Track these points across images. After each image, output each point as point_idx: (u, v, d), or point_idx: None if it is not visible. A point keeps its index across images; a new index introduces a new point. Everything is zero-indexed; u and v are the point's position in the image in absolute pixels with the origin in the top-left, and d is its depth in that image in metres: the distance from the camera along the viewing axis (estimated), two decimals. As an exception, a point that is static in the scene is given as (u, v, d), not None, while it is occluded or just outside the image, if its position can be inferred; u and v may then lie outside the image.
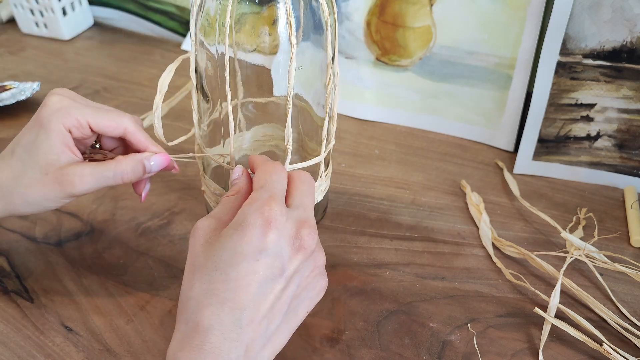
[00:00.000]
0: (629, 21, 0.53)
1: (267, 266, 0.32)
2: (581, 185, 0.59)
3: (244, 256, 0.32)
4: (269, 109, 0.49)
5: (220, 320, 0.31)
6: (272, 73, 0.46)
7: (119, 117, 0.41)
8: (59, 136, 0.39)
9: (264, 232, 0.33)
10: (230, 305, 0.32)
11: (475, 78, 0.64)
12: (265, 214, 0.33)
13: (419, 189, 0.58)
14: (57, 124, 0.39)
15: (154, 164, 0.41)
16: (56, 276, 0.47)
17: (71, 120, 0.39)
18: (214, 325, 0.31)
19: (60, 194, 0.39)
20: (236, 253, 0.32)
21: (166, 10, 0.88)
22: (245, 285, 0.32)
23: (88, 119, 0.40)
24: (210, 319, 0.31)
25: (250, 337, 0.32)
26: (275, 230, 0.33)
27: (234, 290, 0.32)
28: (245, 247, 0.32)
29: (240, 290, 0.32)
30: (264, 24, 0.43)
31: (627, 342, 0.42)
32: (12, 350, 0.41)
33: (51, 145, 0.39)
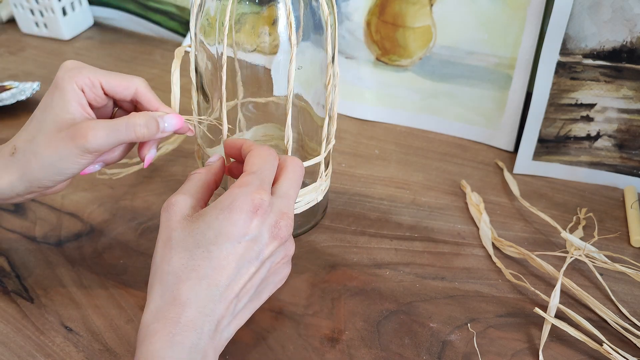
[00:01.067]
0: (629, 21, 0.53)
1: (247, 249, 0.35)
2: (581, 185, 0.59)
3: (228, 237, 0.34)
4: (269, 109, 0.49)
5: (197, 295, 0.33)
6: (272, 73, 0.46)
7: (129, 78, 0.42)
8: (73, 95, 0.40)
9: (250, 217, 0.34)
10: (207, 281, 0.33)
11: (475, 78, 0.64)
12: (255, 201, 0.35)
13: (419, 189, 0.58)
14: (70, 82, 0.40)
15: (167, 124, 0.41)
16: (56, 276, 0.47)
17: (83, 79, 0.40)
18: (191, 299, 0.33)
19: (74, 150, 0.38)
20: (221, 233, 0.34)
21: (166, 10, 0.88)
22: (226, 265, 0.34)
23: (100, 78, 0.41)
24: (189, 294, 0.33)
25: (221, 313, 0.34)
26: (261, 217, 0.35)
27: (214, 268, 0.34)
28: (231, 229, 0.34)
29: (220, 269, 0.34)
30: (263, 24, 0.43)
31: (627, 342, 0.42)
32: (12, 350, 0.41)
33: (65, 103, 0.39)
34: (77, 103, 0.40)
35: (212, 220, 0.34)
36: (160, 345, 0.32)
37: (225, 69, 0.40)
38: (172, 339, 0.32)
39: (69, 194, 0.56)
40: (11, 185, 0.40)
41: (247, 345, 0.42)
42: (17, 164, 0.40)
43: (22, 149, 0.40)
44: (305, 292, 0.46)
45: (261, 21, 0.43)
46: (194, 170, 0.40)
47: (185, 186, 0.38)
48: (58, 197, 0.55)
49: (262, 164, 0.38)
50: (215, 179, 0.40)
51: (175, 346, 0.32)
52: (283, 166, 0.39)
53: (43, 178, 0.40)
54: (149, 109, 0.42)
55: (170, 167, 0.60)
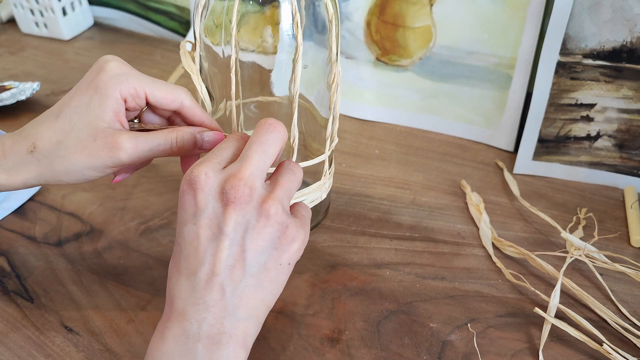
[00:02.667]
0: (629, 21, 0.53)
1: (205, 227, 0.33)
2: (581, 185, 0.59)
3: (184, 223, 0.34)
4: (271, 108, 0.49)
5: (180, 287, 0.33)
6: (273, 73, 0.46)
7: (176, 90, 0.40)
8: (114, 104, 0.38)
9: (192, 195, 0.33)
10: (185, 273, 0.33)
11: (475, 78, 0.64)
12: (187, 177, 0.34)
13: (419, 189, 0.58)
14: (114, 90, 0.37)
15: (207, 139, 0.40)
16: (56, 276, 0.47)
17: (129, 88, 0.38)
18: (176, 294, 0.33)
19: (107, 161, 0.37)
20: (180, 223, 0.34)
21: (166, 10, 0.88)
22: (193, 251, 0.33)
23: (146, 88, 0.39)
24: (174, 289, 0.33)
25: (213, 298, 0.32)
26: (199, 190, 0.33)
27: (185, 258, 0.33)
28: (183, 214, 0.34)
29: (190, 257, 0.33)
30: (266, 23, 0.43)
31: (627, 342, 0.42)
32: (12, 350, 0.41)
33: (104, 111, 0.37)
34: (115, 113, 0.38)
35: (178, 214, 0.35)
36: (156, 339, 0.32)
37: (234, 70, 0.40)
38: (165, 333, 0.32)
39: (69, 194, 0.56)
40: (25, 183, 0.38)
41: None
42: (37, 164, 0.38)
43: (45, 149, 0.38)
44: (305, 292, 0.46)
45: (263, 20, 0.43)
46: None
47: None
48: (58, 197, 0.55)
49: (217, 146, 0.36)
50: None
51: (168, 338, 0.32)
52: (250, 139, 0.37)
53: (63, 181, 0.38)
54: (194, 123, 0.41)
55: (171, 167, 0.60)
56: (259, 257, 0.34)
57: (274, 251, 0.34)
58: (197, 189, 0.33)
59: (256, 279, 0.34)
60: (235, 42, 0.39)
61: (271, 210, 0.34)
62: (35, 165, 0.38)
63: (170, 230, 0.52)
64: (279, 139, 0.36)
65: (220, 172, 0.34)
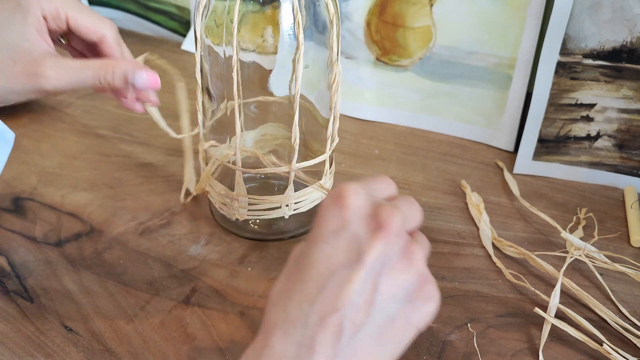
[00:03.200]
0: (629, 21, 0.53)
1: (341, 249, 0.27)
2: (581, 185, 0.59)
3: (316, 241, 0.28)
4: (271, 108, 0.49)
5: (285, 317, 0.26)
6: (274, 73, 0.46)
7: (100, 21, 0.38)
8: (36, 22, 0.35)
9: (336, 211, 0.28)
10: (298, 298, 0.26)
11: (475, 78, 0.64)
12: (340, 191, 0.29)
13: (419, 189, 0.58)
14: (35, 8, 0.35)
15: (139, 81, 0.37)
16: (56, 276, 0.47)
17: (50, 7, 0.35)
18: (278, 325, 0.26)
19: (28, 87, 0.35)
20: (309, 241, 0.29)
21: (166, 10, 0.88)
22: (316, 275, 0.27)
23: (68, 11, 0.36)
24: (276, 317, 0.27)
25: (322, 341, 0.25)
26: (350, 208, 0.28)
27: (303, 282, 0.27)
28: (319, 231, 0.28)
29: (310, 281, 0.27)
30: (266, 23, 0.43)
31: (627, 342, 0.42)
32: (12, 350, 0.41)
33: (26, 30, 0.35)
34: (38, 32, 0.35)
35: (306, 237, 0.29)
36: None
37: (236, 70, 0.40)
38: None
39: (69, 194, 0.56)
40: None
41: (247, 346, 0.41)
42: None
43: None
44: (305, 292, 0.46)
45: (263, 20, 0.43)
46: None
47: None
48: (58, 197, 0.55)
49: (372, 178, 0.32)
50: None
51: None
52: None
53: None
54: None
55: (171, 167, 0.60)
56: (389, 304, 0.27)
57: (407, 304, 0.28)
58: (345, 205, 0.28)
59: (379, 330, 0.27)
60: (236, 42, 0.39)
61: (415, 255, 0.29)
62: None
63: (170, 230, 0.52)
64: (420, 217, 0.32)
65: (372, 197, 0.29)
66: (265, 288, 0.46)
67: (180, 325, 0.43)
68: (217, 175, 0.50)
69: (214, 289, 0.46)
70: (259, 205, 0.47)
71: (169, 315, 0.44)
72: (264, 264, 0.48)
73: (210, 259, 0.49)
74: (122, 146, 0.63)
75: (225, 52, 0.43)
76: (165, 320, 0.43)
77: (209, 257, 0.49)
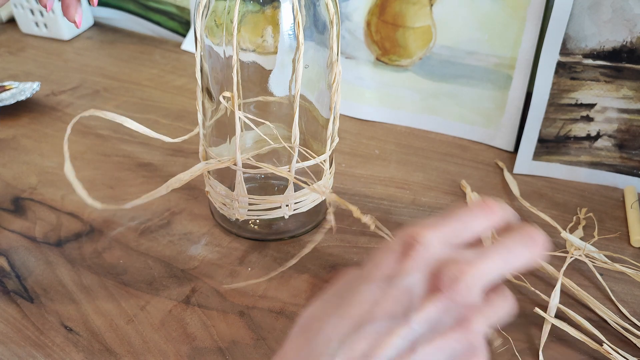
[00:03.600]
0: (629, 21, 0.53)
1: (390, 298, 0.25)
2: (581, 185, 0.59)
3: (366, 280, 0.26)
4: (271, 109, 0.49)
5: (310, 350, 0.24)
6: (274, 73, 0.46)
7: None
8: None
9: (397, 256, 0.26)
10: (329, 333, 0.25)
11: (475, 78, 0.64)
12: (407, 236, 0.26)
13: (419, 189, 0.58)
14: None
15: None
16: (56, 276, 0.47)
17: None
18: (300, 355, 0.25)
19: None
20: (360, 277, 0.26)
21: (166, 10, 0.88)
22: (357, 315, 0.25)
23: None
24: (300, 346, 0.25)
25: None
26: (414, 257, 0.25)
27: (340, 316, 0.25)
28: (373, 269, 0.26)
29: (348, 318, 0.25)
30: (266, 23, 0.43)
31: (627, 342, 0.42)
32: (12, 350, 0.41)
33: None
34: None
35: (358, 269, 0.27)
36: None
37: (236, 70, 0.40)
38: None
39: (69, 194, 0.56)
40: None
41: (247, 346, 0.42)
42: None
43: None
44: (305, 292, 0.46)
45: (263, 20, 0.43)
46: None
47: None
48: (58, 197, 0.55)
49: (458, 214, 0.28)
50: None
51: None
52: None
53: None
54: None
55: (170, 167, 0.60)
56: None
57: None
58: (410, 254, 0.25)
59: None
60: (236, 42, 0.39)
61: (474, 326, 0.25)
62: None
63: (170, 230, 0.52)
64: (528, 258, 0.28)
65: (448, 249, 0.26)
66: (266, 288, 0.46)
67: (180, 325, 0.43)
68: (217, 175, 0.50)
69: (214, 289, 0.46)
70: (259, 205, 0.47)
71: (169, 315, 0.44)
72: (264, 264, 0.48)
73: (210, 259, 0.49)
74: (122, 146, 0.63)
75: (225, 52, 0.43)
76: (165, 320, 0.43)
77: (209, 257, 0.49)
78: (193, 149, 0.62)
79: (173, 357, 0.41)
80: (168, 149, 0.62)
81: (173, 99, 0.73)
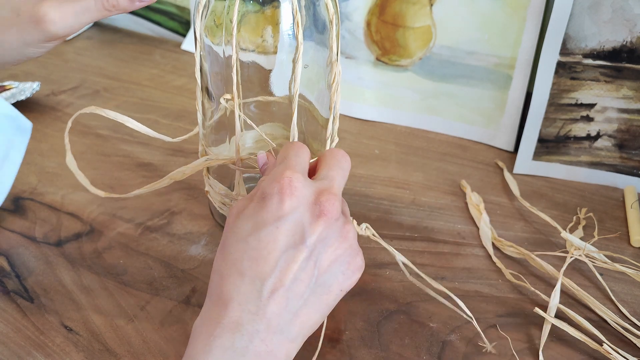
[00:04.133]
0: (629, 21, 0.53)
1: (287, 233, 0.32)
2: (581, 185, 0.59)
3: (263, 224, 0.32)
4: (271, 108, 0.49)
5: (240, 291, 0.31)
6: (273, 73, 0.46)
7: None
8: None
9: (281, 199, 0.32)
10: (250, 275, 0.31)
11: (475, 78, 0.64)
12: (280, 181, 0.32)
13: (419, 189, 0.58)
14: None
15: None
16: (56, 276, 0.47)
17: None
18: (233, 297, 0.31)
19: (39, 35, 0.35)
20: (257, 222, 0.32)
21: (166, 10, 0.88)
22: (266, 254, 0.31)
23: None
24: (231, 291, 0.31)
25: (272, 310, 0.31)
26: (292, 196, 0.32)
27: (254, 260, 0.31)
28: (265, 215, 0.32)
29: (261, 260, 0.31)
30: (266, 23, 0.43)
31: (627, 342, 0.42)
32: (12, 350, 0.41)
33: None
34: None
35: (249, 212, 0.33)
36: (200, 347, 0.30)
37: (235, 69, 0.40)
38: (211, 342, 0.30)
39: (69, 194, 0.56)
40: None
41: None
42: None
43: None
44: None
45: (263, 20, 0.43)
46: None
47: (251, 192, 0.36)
48: (58, 197, 0.55)
49: (288, 152, 0.35)
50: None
51: (215, 349, 0.30)
52: (321, 156, 0.37)
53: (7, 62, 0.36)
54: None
55: (170, 167, 0.60)
56: (326, 277, 0.33)
57: (340, 275, 0.33)
58: (290, 194, 0.32)
59: (317, 298, 0.32)
60: (236, 42, 0.39)
61: (350, 234, 0.34)
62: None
63: (170, 230, 0.52)
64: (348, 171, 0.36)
65: (311, 184, 0.34)
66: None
67: (181, 325, 0.43)
68: (217, 175, 0.50)
69: (214, 289, 0.46)
70: (259, 205, 0.47)
71: (169, 315, 0.44)
72: (264, 264, 0.48)
73: (210, 259, 0.49)
74: (122, 146, 0.63)
75: (224, 52, 0.43)
76: (165, 320, 0.43)
77: (209, 257, 0.49)
78: (193, 149, 0.62)
79: (173, 357, 0.41)
80: (168, 149, 0.62)
81: (173, 99, 0.73)
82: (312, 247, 0.32)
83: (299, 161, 0.35)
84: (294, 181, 0.32)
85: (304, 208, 0.32)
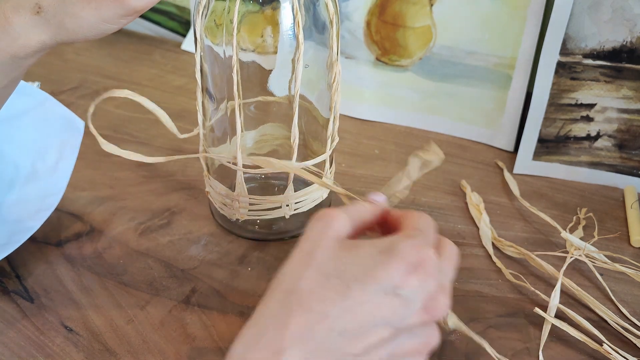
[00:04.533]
0: (629, 21, 0.53)
1: (391, 305, 0.28)
2: (581, 185, 0.59)
3: (377, 281, 0.28)
4: (271, 109, 0.49)
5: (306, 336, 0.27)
6: (273, 73, 0.46)
7: None
8: None
9: (410, 271, 0.28)
10: (328, 322, 0.27)
11: (475, 78, 0.64)
12: (421, 255, 0.29)
13: (419, 189, 0.58)
14: None
15: None
16: (56, 276, 0.47)
17: None
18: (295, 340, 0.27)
19: (118, 10, 0.35)
20: (369, 275, 0.28)
21: (166, 10, 0.88)
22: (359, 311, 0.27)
23: None
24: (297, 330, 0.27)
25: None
26: (422, 277, 0.28)
27: (343, 309, 0.27)
28: (384, 274, 0.28)
29: (350, 312, 0.27)
30: (266, 23, 0.43)
31: (627, 342, 0.42)
32: (12, 350, 0.41)
33: None
34: None
35: (366, 255, 0.29)
36: None
37: (236, 70, 0.40)
38: None
39: (69, 194, 0.56)
40: (42, 45, 0.36)
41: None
42: (48, 25, 0.35)
43: (51, 8, 0.35)
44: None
45: (263, 20, 0.43)
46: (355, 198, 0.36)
47: (350, 208, 0.32)
48: (58, 197, 0.55)
49: (426, 225, 0.31)
50: (373, 220, 0.34)
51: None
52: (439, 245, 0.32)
53: (81, 37, 0.36)
54: None
55: (170, 167, 0.60)
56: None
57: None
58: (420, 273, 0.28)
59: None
60: (236, 42, 0.39)
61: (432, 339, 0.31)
62: (46, 26, 0.35)
63: (170, 230, 0.52)
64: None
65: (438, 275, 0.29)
66: (265, 288, 0.46)
67: (180, 325, 0.43)
68: (217, 175, 0.50)
69: (214, 289, 0.46)
70: (259, 205, 0.47)
71: (169, 315, 0.44)
72: (264, 264, 0.48)
73: (210, 259, 0.49)
74: (122, 146, 0.63)
75: (225, 52, 0.43)
76: (165, 320, 0.43)
77: (209, 257, 0.49)
78: (193, 149, 0.62)
79: (173, 357, 0.41)
80: (168, 149, 0.62)
81: (173, 99, 0.73)
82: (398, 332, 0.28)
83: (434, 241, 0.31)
84: (431, 262, 0.29)
85: (422, 294, 0.29)
